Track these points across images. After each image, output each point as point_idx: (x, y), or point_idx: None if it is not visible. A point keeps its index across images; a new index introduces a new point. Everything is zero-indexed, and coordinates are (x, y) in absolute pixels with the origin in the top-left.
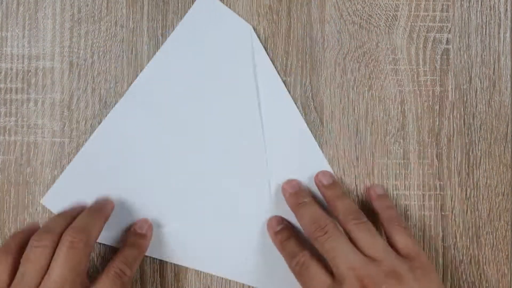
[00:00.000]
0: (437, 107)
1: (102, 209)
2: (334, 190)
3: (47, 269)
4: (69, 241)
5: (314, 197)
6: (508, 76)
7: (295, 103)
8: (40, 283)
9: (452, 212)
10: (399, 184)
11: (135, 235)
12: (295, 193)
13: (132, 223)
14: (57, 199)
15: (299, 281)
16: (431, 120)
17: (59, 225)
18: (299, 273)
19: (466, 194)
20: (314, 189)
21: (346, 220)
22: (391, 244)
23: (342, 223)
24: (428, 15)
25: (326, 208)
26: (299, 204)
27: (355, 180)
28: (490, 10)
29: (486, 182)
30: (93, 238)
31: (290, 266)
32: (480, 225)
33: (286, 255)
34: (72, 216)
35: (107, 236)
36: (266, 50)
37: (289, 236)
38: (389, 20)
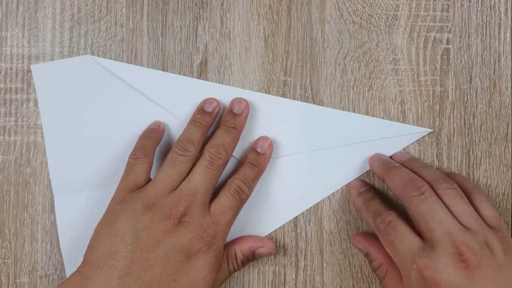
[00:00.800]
0: (437, 107)
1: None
2: (416, 162)
3: (184, 177)
4: (210, 157)
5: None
6: (509, 76)
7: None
8: (177, 187)
9: None
10: None
11: (255, 154)
12: (384, 161)
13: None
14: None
15: (383, 240)
16: (431, 120)
17: (197, 137)
18: (384, 231)
19: None
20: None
21: (436, 184)
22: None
23: (433, 188)
24: (428, 15)
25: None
26: (390, 168)
27: (356, 180)
28: (490, 10)
29: (487, 182)
30: (228, 156)
31: (374, 224)
32: None
33: (370, 214)
34: (207, 125)
35: None
36: (266, 49)
37: (373, 196)
38: (389, 20)
